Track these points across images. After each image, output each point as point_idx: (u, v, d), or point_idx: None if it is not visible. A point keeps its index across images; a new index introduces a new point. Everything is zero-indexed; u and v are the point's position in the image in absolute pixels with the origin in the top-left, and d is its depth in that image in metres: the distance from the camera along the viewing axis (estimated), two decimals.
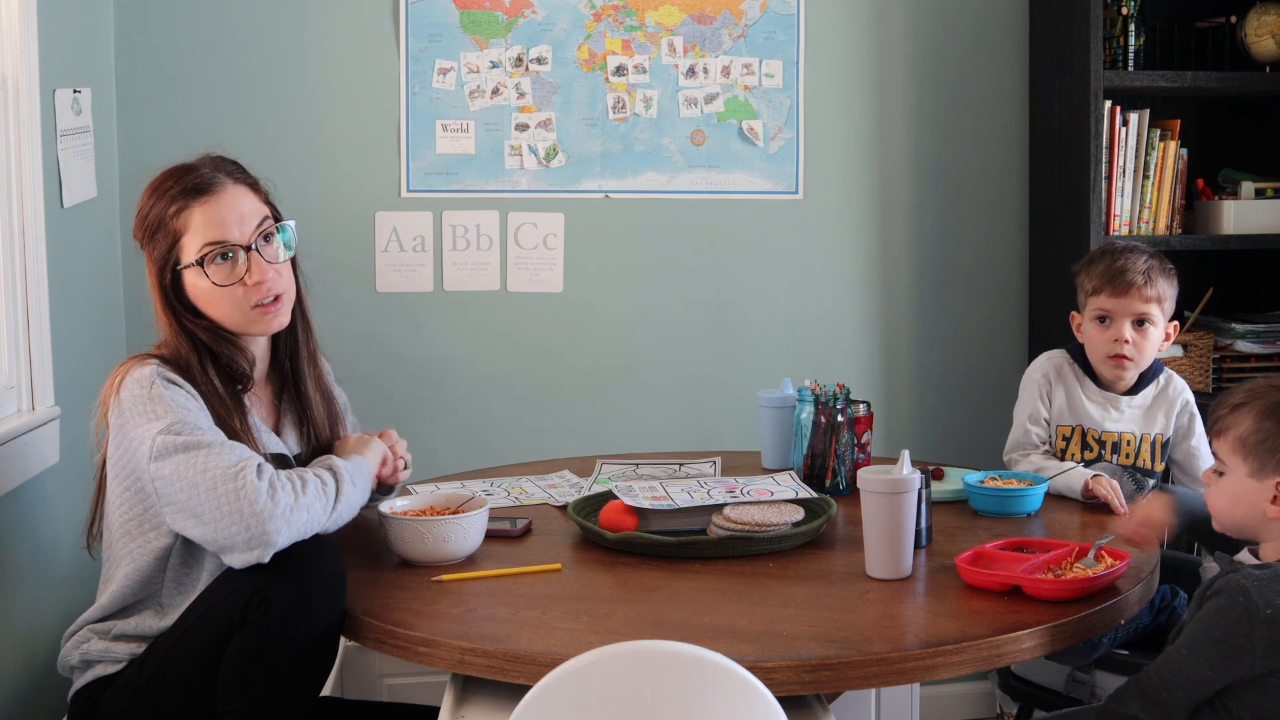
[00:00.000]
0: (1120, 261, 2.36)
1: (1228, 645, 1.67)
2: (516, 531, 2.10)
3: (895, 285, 3.19)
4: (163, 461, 1.76)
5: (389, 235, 3.00)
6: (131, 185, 2.89)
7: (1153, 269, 2.36)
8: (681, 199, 3.09)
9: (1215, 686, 1.68)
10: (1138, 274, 2.34)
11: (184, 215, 1.91)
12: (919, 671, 1.60)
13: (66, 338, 2.43)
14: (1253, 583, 1.68)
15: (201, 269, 1.90)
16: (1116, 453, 2.41)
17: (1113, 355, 2.38)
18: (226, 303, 1.92)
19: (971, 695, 3.24)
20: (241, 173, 1.99)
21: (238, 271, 1.91)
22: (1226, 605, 1.69)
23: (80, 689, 1.87)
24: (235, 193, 1.94)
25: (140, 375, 1.84)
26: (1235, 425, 1.79)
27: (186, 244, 1.91)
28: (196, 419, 1.81)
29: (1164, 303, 2.37)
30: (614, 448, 3.07)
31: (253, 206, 1.95)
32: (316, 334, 2.11)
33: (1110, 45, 2.97)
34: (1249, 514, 1.78)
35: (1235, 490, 1.79)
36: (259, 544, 1.71)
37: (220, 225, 1.91)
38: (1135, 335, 2.36)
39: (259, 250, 1.93)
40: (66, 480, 2.39)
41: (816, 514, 2.10)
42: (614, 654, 1.45)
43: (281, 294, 1.96)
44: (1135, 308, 2.35)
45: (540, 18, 3.00)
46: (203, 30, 2.92)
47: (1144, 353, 2.38)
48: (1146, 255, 2.38)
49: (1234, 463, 1.79)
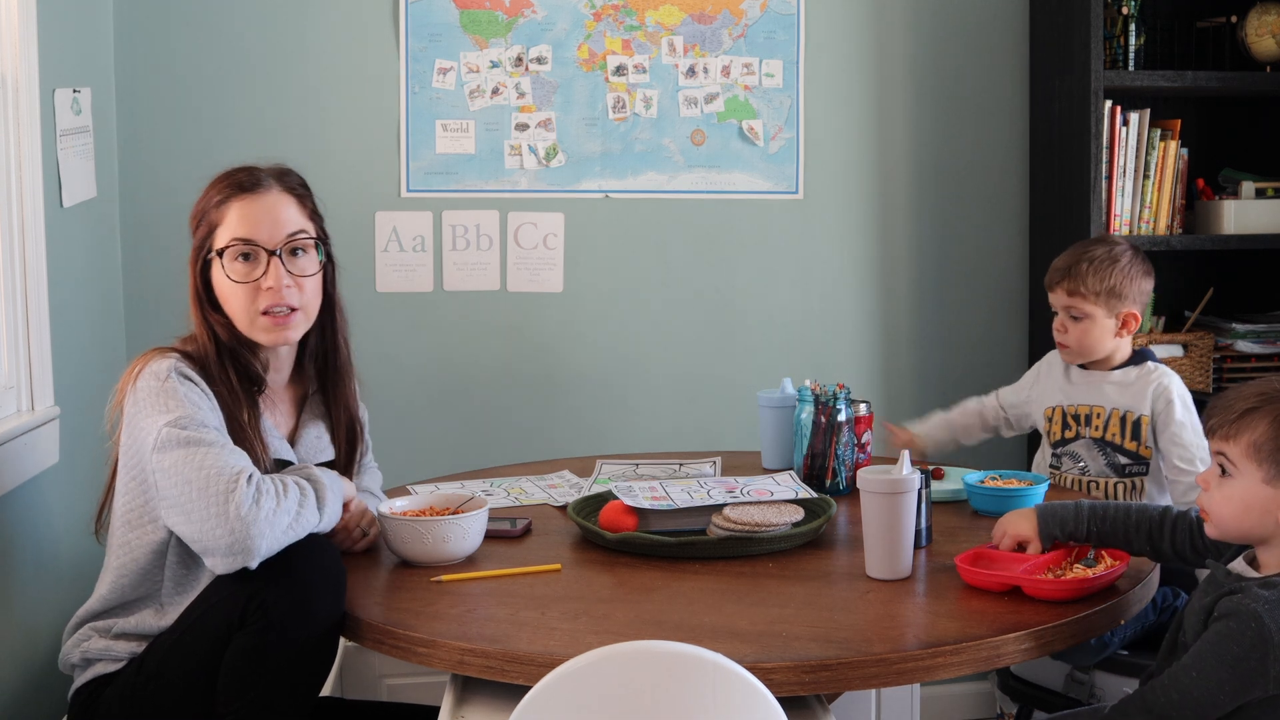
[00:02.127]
0: (1057, 260, 2.51)
1: (1240, 670, 1.65)
2: (516, 532, 2.10)
3: (895, 285, 3.19)
4: (164, 454, 1.77)
5: (389, 235, 3.00)
6: (131, 185, 2.90)
7: (1080, 266, 2.44)
8: (681, 199, 3.09)
9: (1226, 709, 1.66)
10: (1056, 272, 2.48)
11: (224, 207, 1.94)
12: (919, 672, 1.60)
13: (66, 338, 2.44)
14: (1263, 606, 1.65)
15: (222, 262, 1.92)
16: (1088, 425, 2.47)
17: (1057, 342, 2.52)
18: (238, 301, 1.93)
19: (971, 695, 3.24)
20: (295, 185, 2.01)
21: (254, 273, 1.92)
22: (1238, 630, 1.65)
23: (80, 687, 1.88)
24: (277, 198, 1.96)
25: (158, 368, 1.85)
26: (1249, 429, 1.73)
27: (219, 235, 1.94)
28: (205, 417, 1.82)
29: (1095, 298, 2.43)
30: (614, 448, 3.07)
31: (292, 216, 1.96)
32: (351, 356, 2.12)
33: (1110, 45, 2.97)
34: (1260, 521, 1.73)
35: (1246, 496, 1.74)
36: (240, 550, 1.71)
37: (252, 224, 1.93)
38: (1071, 325, 2.47)
39: (283, 259, 1.93)
40: (66, 480, 2.39)
41: (816, 514, 2.10)
42: (614, 654, 1.45)
43: (297, 309, 1.95)
44: (1061, 301, 2.48)
45: (540, 17, 3.00)
46: (203, 30, 2.92)
47: (1082, 343, 2.46)
48: (1086, 251, 2.46)
49: (1248, 468, 1.73)
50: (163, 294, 2.89)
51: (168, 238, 2.90)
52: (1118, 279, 2.43)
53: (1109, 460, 2.44)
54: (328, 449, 2.09)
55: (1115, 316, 2.44)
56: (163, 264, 2.90)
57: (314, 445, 2.06)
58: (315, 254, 1.98)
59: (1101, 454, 2.45)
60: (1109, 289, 2.42)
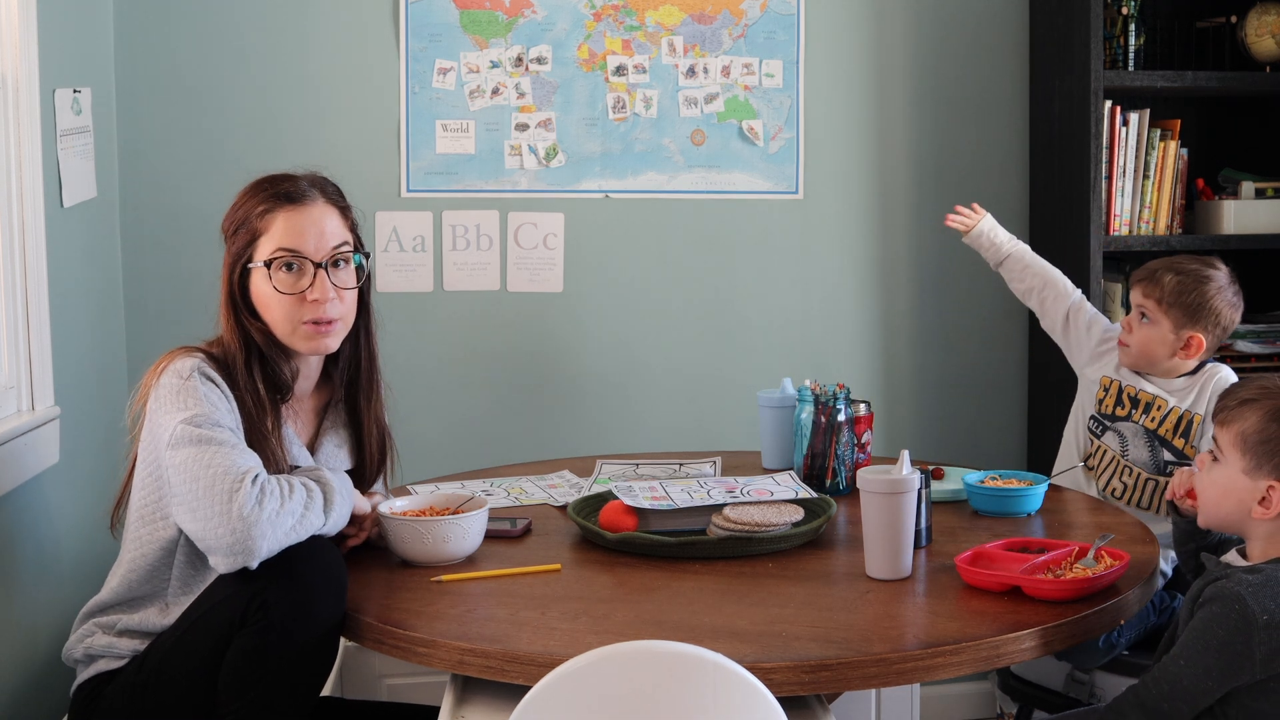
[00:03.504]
0: (1153, 260, 2.46)
1: (1226, 654, 1.66)
2: (516, 532, 2.10)
3: (895, 285, 3.19)
4: (176, 450, 1.78)
5: (389, 235, 3.00)
6: (131, 185, 2.90)
7: (1167, 273, 2.39)
8: (681, 199, 3.09)
9: (1215, 695, 1.68)
10: (1144, 269, 2.43)
11: (268, 217, 1.94)
12: (919, 672, 1.60)
13: (66, 338, 2.44)
14: (1246, 589, 1.67)
15: (267, 271, 1.93)
16: (1146, 413, 2.42)
17: (1120, 340, 2.47)
18: (281, 310, 1.94)
19: (971, 695, 3.25)
20: (337, 196, 2.03)
21: (300, 284, 1.94)
22: (1222, 613, 1.68)
23: (82, 684, 1.88)
24: (323, 210, 1.98)
25: (181, 366, 1.86)
26: (1241, 419, 1.79)
27: (262, 244, 1.94)
28: (221, 417, 1.82)
29: (1166, 307, 2.37)
30: (614, 448, 3.07)
31: (336, 228, 1.98)
32: (381, 369, 2.13)
33: (1110, 45, 2.97)
34: (1235, 509, 1.79)
35: (1227, 483, 1.80)
36: (241, 550, 1.72)
37: (298, 235, 1.94)
38: (1137, 326, 2.42)
39: (328, 271, 1.95)
40: (66, 480, 2.39)
41: (816, 514, 2.10)
42: (614, 654, 1.45)
43: (337, 319, 1.97)
44: (1136, 298, 2.43)
45: (540, 18, 3.00)
46: (203, 30, 2.92)
47: (1141, 347, 2.41)
48: (1181, 263, 2.41)
49: (1232, 456, 1.79)
50: (162, 294, 2.90)
51: (168, 238, 2.90)
52: (1196, 298, 2.36)
53: (1153, 453, 2.41)
54: (347, 459, 2.09)
55: (1180, 334, 2.38)
56: (163, 264, 2.90)
57: (334, 454, 2.07)
58: (353, 265, 2.01)
59: (1148, 444, 2.42)
60: (1184, 304, 2.36)
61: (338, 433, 2.09)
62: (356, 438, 2.11)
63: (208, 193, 2.84)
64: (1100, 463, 2.46)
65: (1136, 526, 2.14)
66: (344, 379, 2.09)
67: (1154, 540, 2.06)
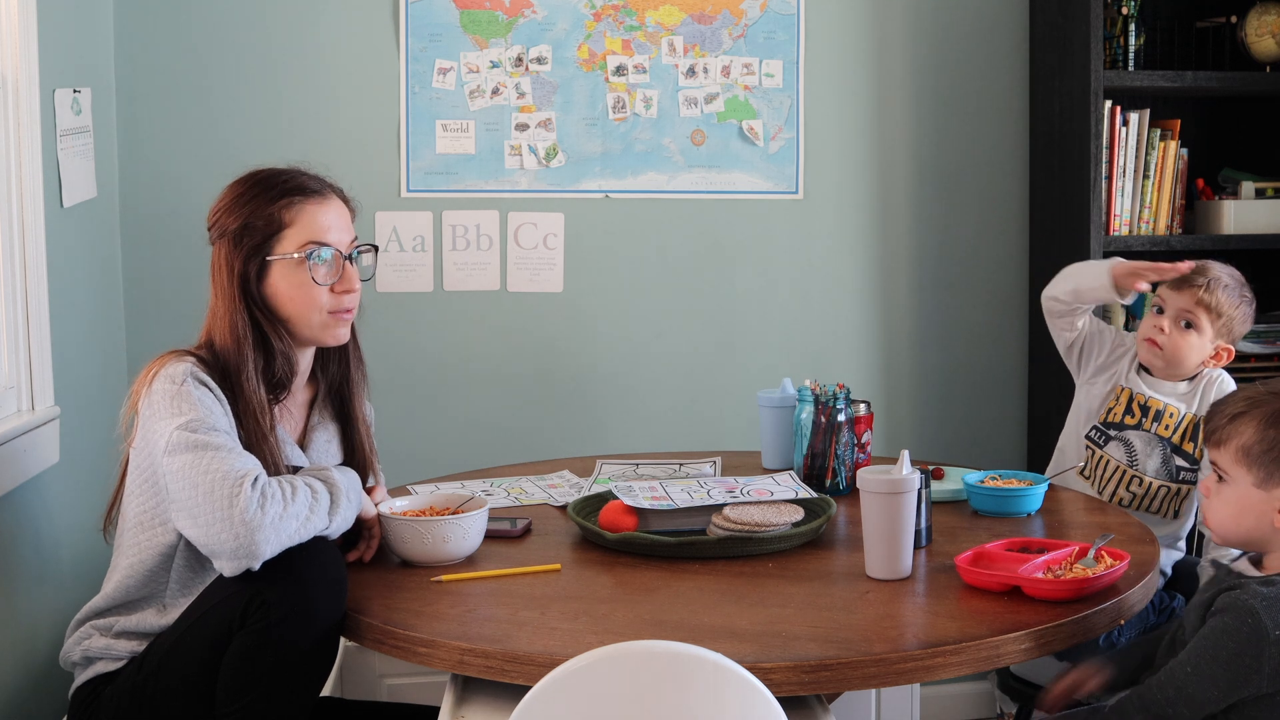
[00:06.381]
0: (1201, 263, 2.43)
1: (1235, 666, 1.65)
2: (516, 532, 2.10)
3: (895, 285, 3.19)
4: (174, 457, 1.77)
5: (389, 235, 3.00)
6: (131, 185, 2.90)
7: (1219, 283, 2.40)
8: (681, 199, 3.09)
9: (1221, 705, 1.67)
10: (1201, 277, 2.40)
11: (293, 210, 1.96)
12: (919, 672, 1.60)
13: (66, 338, 2.44)
14: (1260, 602, 1.65)
15: (302, 263, 1.94)
16: (1158, 422, 2.41)
17: (1148, 338, 2.42)
18: (309, 301, 1.96)
19: (971, 695, 3.25)
20: (345, 193, 2.08)
21: (332, 275, 1.97)
22: (1234, 626, 1.66)
23: (80, 686, 1.88)
24: (340, 206, 2.03)
25: (174, 371, 1.85)
26: (1237, 434, 1.75)
27: (289, 236, 1.95)
28: (216, 421, 1.82)
29: (1216, 316, 2.39)
30: (614, 448, 3.07)
31: (349, 223, 2.04)
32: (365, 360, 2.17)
33: (1110, 45, 2.97)
34: (1256, 525, 1.75)
35: (1240, 501, 1.76)
36: (245, 554, 1.71)
37: (329, 228, 1.98)
38: (1175, 331, 2.40)
39: (353, 262, 2.01)
40: (66, 480, 2.39)
41: (816, 514, 2.10)
42: (614, 654, 1.45)
43: (353, 310, 2.03)
44: (1182, 303, 2.40)
45: (540, 18, 3.00)
46: (203, 30, 2.92)
47: (1177, 350, 2.40)
48: (1225, 275, 2.42)
49: (1238, 473, 1.75)
50: (162, 294, 2.90)
51: (168, 238, 2.90)
52: (1238, 313, 2.41)
53: (1166, 461, 2.41)
54: (337, 453, 2.10)
55: (1215, 343, 2.41)
56: (163, 264, 2.90)
57: (324, 450, 2.07)
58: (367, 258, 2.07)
59: (1160, 452, 2.41)
60: (1229, 316, 2.40)
61: (326, 428, 2.09)
62: (344, 431, 2.12)
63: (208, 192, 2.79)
64: (1104, 473, 2.45)
65: (1136, 526, 2.13)
66: (339, 371, 2.11)
67: (1154, 540, 2.06)
